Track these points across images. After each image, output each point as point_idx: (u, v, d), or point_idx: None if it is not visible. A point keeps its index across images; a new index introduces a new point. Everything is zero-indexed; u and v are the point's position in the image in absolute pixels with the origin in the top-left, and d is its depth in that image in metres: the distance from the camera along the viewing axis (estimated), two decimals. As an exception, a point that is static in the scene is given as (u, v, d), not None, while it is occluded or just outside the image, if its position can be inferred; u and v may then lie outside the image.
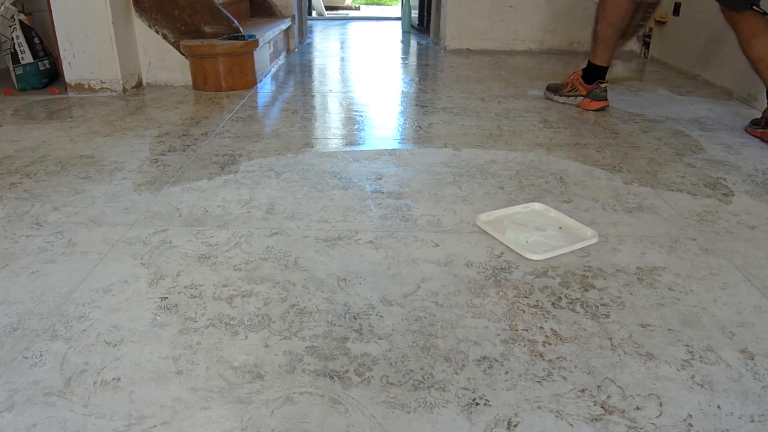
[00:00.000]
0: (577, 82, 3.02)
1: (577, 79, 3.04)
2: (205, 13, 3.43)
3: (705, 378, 1.10)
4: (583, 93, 3.00)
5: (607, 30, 2.82)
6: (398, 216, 1.75)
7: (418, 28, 6.70)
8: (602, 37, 2.85)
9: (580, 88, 3.01)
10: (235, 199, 1.85)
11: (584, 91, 2.99)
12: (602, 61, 2.92)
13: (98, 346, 1.17)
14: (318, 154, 2.28)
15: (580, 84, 3.01)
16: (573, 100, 3.05)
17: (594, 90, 2.94)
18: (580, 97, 3.01)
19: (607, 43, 2.86)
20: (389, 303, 1.31)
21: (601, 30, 2.84)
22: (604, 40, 2.85)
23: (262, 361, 1.13)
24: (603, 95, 2.93)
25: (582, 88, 3.00)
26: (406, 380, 1.08)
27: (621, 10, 2.76)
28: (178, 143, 2.40)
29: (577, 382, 1.09)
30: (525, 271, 1.46)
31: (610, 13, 2.78)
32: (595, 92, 2.93)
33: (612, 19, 2.79)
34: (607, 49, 2.88)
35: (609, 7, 2.77)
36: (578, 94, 3.02)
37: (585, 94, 2.98)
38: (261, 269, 1.45)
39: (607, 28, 2.81)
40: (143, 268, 1.45)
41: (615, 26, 2.80)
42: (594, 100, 2.94)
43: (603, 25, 2.82)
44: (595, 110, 2.93)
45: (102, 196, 1.87)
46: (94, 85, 3.22)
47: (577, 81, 3.03)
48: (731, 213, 1.81)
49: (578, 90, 3.02)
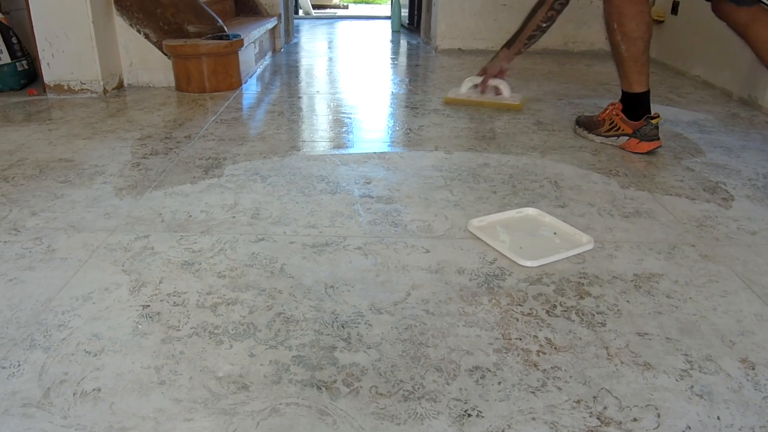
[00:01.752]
0: (618, 119, 2.47)
1: (617, 115, 2.48)
2: (189, 12, 3.43)
3: (704, 388, 1.10)
4: (628, 131, 2.44)
5: (635, 47, 2.37)
6: (388, 221, 1.75)
7: (408, 27, 6.72)
8: (632, 57, 2.39)
9: (622, 125, 2.45)
10: (220, 204, 1.85)
11: (629, 129, 2.44)
12: (642, 86, 2.43)
13: (78, 355, 1.16)
14: (305, 157, 2.28)
15: (621, 121, 2.45)
16: (616, 141, 2.49)
17: (643, 127, 2.39)
18: (624, 137, 2.45)
19: (640, 62, 2.39)
20: (378, 311, 1.31)
21: (627, 50, 2.38)
22: (636, 60, 2.39)
23: (248, 371, 1.13)
24: (654, 133, 2.39)
25: (625, 125, 2.45)
26: (395, 391, 1.08)
27: (643, 19, 2.34)
28: (160, 146, 2.39)
29: (573, 393, 1.09)
30: (518, 278, 1.47)
31: (632, 27, 2.34)
32: (644, 130, 2.40)
33: (636, 32, 2.34)
34: (643, 70, 2.41)
35: (628, 21, 2.34)
36: (621, 133, 2.46)
37: (631, 133, 2.43)
38: (246, 276, 1.45)
39: (634, 44, 2.36)
40: (124, 275, 1.45)
41: (643, 39, 2.36)
42: (643, 140, 2.40)
43: (627, 43, 2.38)
44: (645, 153, 2.41)
45: (82, 200, 1.87)
46: (74, 87, 3.21)
47: (617, 117, 2.47)
48: (731, 218, 1.82)
49: (621, 128, 2.46)
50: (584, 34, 4.95)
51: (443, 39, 5.04)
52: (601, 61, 4.49)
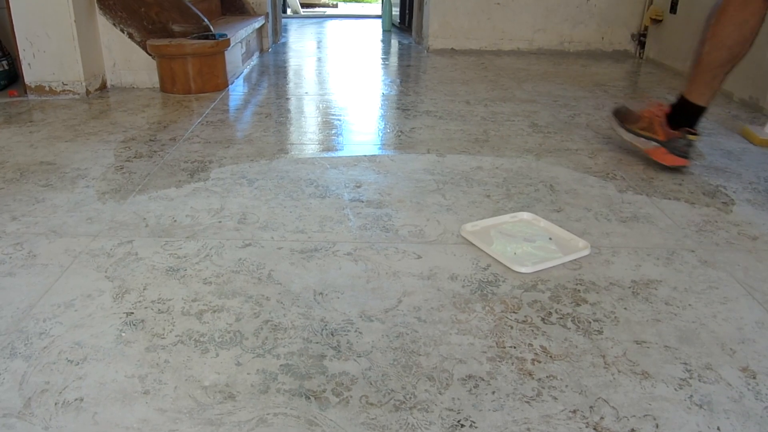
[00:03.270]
0: (657, 121, 2.26)
1: (658, 116, 2.27)
2: (173, 11, 3.43)
3: (704, 398, 1.11)
4: (660, 138, 2.24)
5: (717, 54, 2.10)
6: (378, 226, 1.75)
7: (400, 26, 6.73)
8: (709, 63, 2.13)
9: (658, 129, 2.25)
10: (205, 209, 1.85)
11: (662, 137, 2.23)
12: (701, 100, 2.19)
13: (60, 364, 1.16)
14: (293, 160, 2.28)
15: (660, 125, 2.25)
16: (643, 143, 2.30)
17: (677, 139, 2.20)
18: (653, 142, 2.26)
19: (714, 74, 2.13)
20: (369, 318, 1.31)
21: (709, 53, 2.12)
22: (711, 70, 2.13)
23: (234, 381, 1.12)
24: (685, 150, 2.20)
25: (661, 130, 2.24)
26: (386, 400, 1.08)
27: (741, 31, 2.05)
28: (144, 149, 2.39)
29: (569, 403, 1.09)
30: (513, 284, 1.47)
31: (727, 32, 2.06)
32: (676, 143, 2.20)
33: (728, 40, 2.07)
34: (712, 84, 2.16)
35: (728, 23, 2.06)
36: (652, 137, 2.27)
37: (662, 141, 2.24)
38: (233, 283, 1.45)
39: (719, 51, 2.09)
40: (108, 282, 1.45)
41: (731, 51, 2.08)
42: (672, 152, 2.21)
43: (713, 46, 2.10)
44: (669, 166, 2.24)
45: (64, 205, 1.87)
46: (56, 88, 3.20)
47: (657, 119, 2.26)
48: (732, 223, 1.82)
49: (655, 131, 2.26)
50: (580, 34, 4.96)
51: (435, 38, 5.05)
52: (598, 62, 4.50)
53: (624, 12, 4.88)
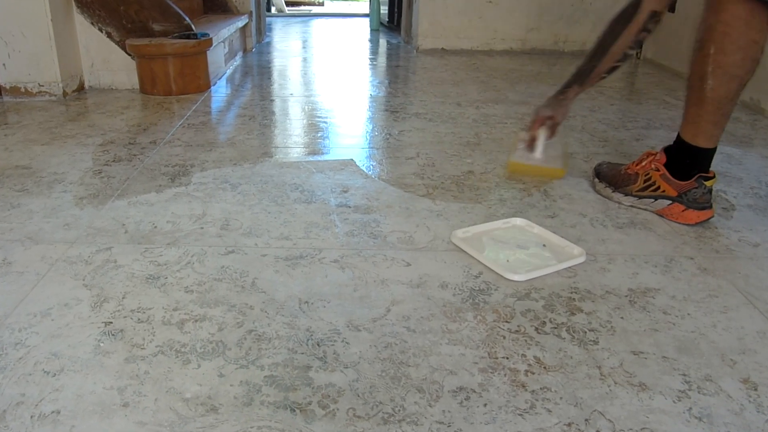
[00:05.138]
0: (657, 175, 1.93)
1: (656, 170, 1.93)
2: (154, 10, 3.42)
3: (703, 410, 1.11)
4: (671, 194, 1.89)
5: (726, 87, 1.77)
6: (366, 232, 1.75)
7: (388, 25, 6.74)
8: (716, 99, 1.78)
9: (663, 185, 1.91)
10: (187, 214, 1.84)
11: (673, 191, 1.89)
12: (710, 141, 1.85)
13: (36, 375, 1.16)
14: (278, 164, 2.29)
15: (662, 178, 1.91)
16: (651, 205, 1.95)
17: (693, 190, 1.85)
18: (663, 200, 1.92)
19: (724, 110, 1.80)
20: (356, 328, 1.32)
21: (714, 89, 1.77)
22: (720, 106, 1.79)
23: (217, 392, 1.12)
24: (707, 199, 1.85)
25: (667, 185, 1.90)
26: (374, 413, 1.08)
27: (753, 53, 1.73)
28: (123, 152, 2.39)
29: (563, 415, 1.09)
30: (505, 293, 1.47)
31: (735, 60, 1.73)
32: (693, 194, 1.86)
33: (738, 69, 1.74)
34: (722, 121, 1.82)
35: (734, 50, 1.72)
36: (661, 195, 1.92)
37: (675, 196, 1.89)
38: (215, 291, 1.45)
39: (727, 84, 1.76)
40: (85, 290, 1.44)
41: (742, 80, 1.77)
42: (691, 206, 1.86)
43: (718, 79, 1.76)
44: (692, 224, 1.87)
45: (40, 210, 1.86)
46: (32, 89, 3.19)
47: (657, 173, 1.93)
48: (732, 229, 1.83)
49: (661, 188, 1.92)
50: (576, 33, 4.98)
51: (425, 38, 5.06)
52: (593, 63, 4.50)
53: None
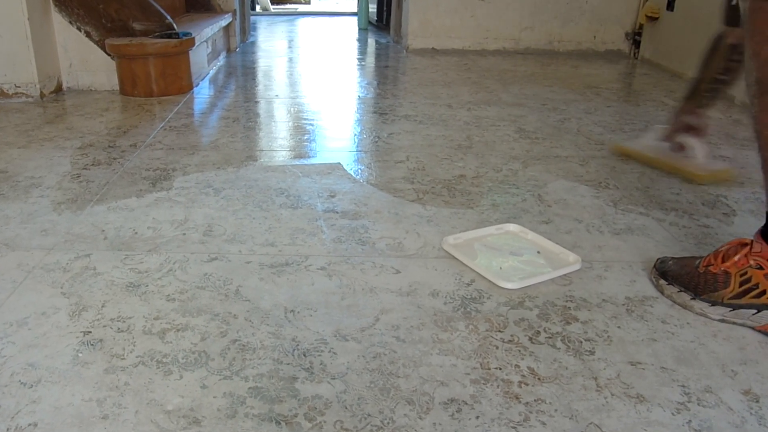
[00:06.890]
0: (761, 274, 1.38)
1: (758, 265, 1.39)
2: (134, 8, 3.42)
3: (703, 423, 1.11)
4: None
5: None
6: (354, 239, 1.75)
7: (377, 24, 6.74)
8: None
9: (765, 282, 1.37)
10: (169, 220, 1.84)
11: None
12: None
13: (12, 387, 1.16)
14: (262, 168, 2.29)
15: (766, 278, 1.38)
16: (752, 319, 1.38)
17: None
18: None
19: None
20: (344, 338, 1.32)
21: None
22: None
23: (199, 404, 1.13)
24: None
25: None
26: (363, 426, 1.09)
27: None
28: (103, 156, 2.39)
29: (558, 428, 1.09)
30: (498, 301, 1.47)
31: None
32: None
33: None
34: None
35: None
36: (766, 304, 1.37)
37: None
38: (198, 299, 1.45)
39: None
40: (63, 299, 1.44)
41: None
42: None
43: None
44: None
45: (16, 216, 1.86)
46: (8, 90, 3.18)
47: (761, 270, 1.38)
48: (733, 234, 1.83)
49: (766, 291, 1.37)
50: (570, 32, 5.00)
51: (415, 38, 5.06)
52: (589, 62, 4.54)
53: (617, 9, 4.91)
